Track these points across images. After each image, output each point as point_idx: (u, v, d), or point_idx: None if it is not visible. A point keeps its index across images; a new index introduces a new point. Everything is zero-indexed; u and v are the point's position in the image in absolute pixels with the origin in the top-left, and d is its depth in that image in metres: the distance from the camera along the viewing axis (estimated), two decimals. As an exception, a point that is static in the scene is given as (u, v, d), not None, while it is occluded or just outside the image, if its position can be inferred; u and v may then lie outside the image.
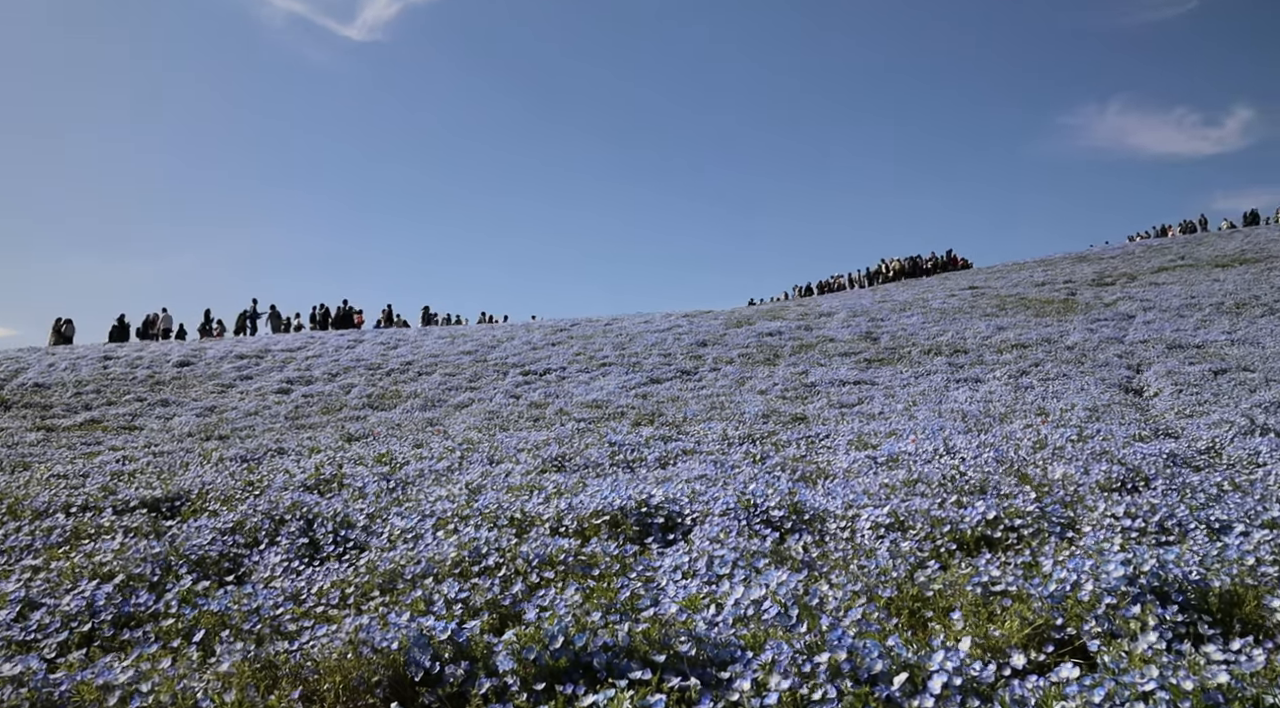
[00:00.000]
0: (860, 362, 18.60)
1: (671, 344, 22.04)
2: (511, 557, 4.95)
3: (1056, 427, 9.67)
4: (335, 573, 4.95)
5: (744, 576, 4.37)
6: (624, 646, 3.48)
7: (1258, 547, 4.13)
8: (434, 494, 7.19)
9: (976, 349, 19.07)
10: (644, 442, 10.00)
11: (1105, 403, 12.41)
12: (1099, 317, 22.54)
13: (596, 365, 19.90)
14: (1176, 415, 11.31)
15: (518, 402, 16.06)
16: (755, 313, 29.68)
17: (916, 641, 3.55)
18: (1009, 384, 14.91)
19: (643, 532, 5.89)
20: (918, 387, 15.22)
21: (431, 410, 15.85)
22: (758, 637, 3.58)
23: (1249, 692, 2.70)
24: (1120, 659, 3.02)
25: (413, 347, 24.61)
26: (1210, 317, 20.95)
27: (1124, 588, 3.62)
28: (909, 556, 4.74)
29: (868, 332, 22.29)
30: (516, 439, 10.92)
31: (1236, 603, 3.70)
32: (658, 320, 27.61)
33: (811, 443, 10.20)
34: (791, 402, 14.44)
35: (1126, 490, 6.43)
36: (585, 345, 22.93)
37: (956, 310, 25.21)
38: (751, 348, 20.93)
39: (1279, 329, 18.23)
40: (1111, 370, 15.80)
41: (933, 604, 4.02)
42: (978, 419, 11.24)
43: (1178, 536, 5.00)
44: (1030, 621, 3.60)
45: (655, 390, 16.40)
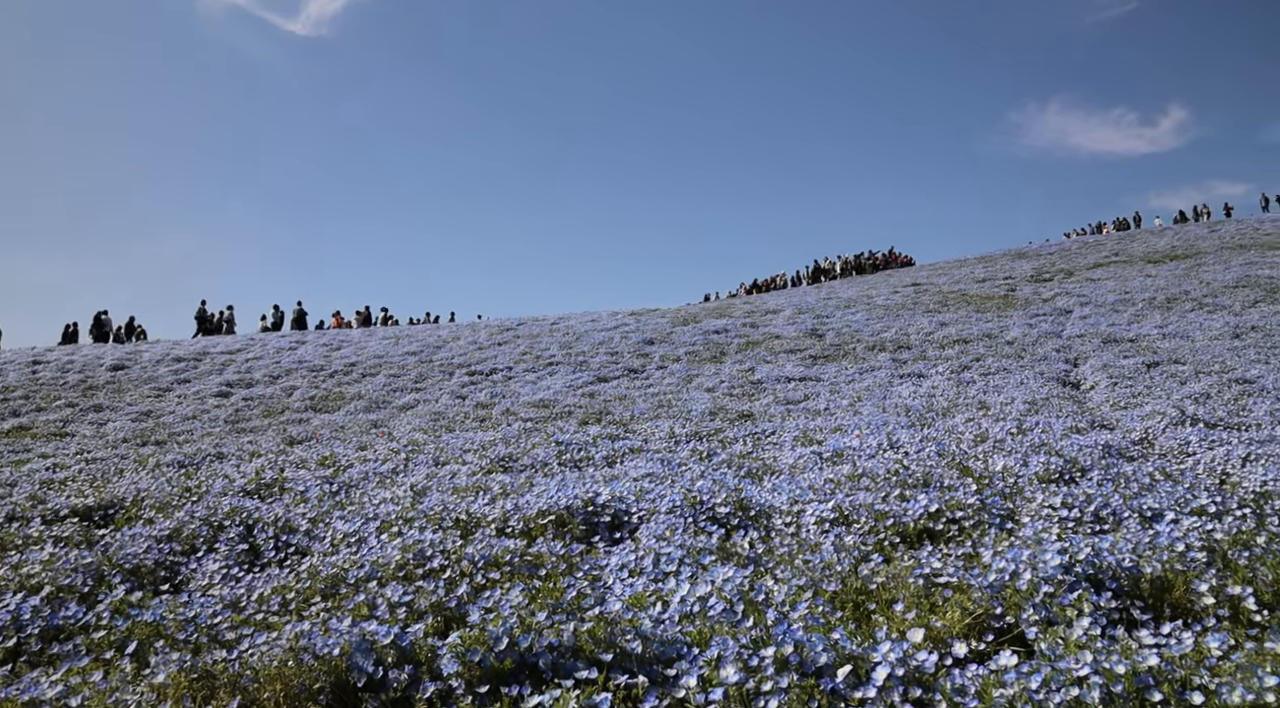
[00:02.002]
0: (806, 358, 18.76)
1: (619, 342, 22.03)
2: (456, 559, 4.90)
3: (997, 420, 9.84)
4: (276, 579, 4.86)
5: (690, 573, 4.38)
6: (569, 645, 3.46)
7: (1187, 534, 4.23)
8: (378, 497, 7.09)
9: (920, 345, 19.34)
10: (591, 441, 9.97)
11: (1044, 396, 12.65)
12: (1038, 312, 22.98)
13: (543, 365, 19.82)
14: (1112, 407, 11.57)
15: (464, 402, 15.93)
16: (702, 310, 29.79)
17: (860, 633, 3.58)
18: (951, 379, 15.14)
19: (590, 531, 5.87)
20: (862, 383, 15.39)
21: (376, 412, 15.65)
22: (704, 633, 3.58)
23: (1178, 674, 2.76)
24: (1056, 646, 3.08)
25: (356, 348, 24.29)
26: (1143, 311, 21.48)
27: (1060, 577, 3.69)
28: (853, 549, 4.79)
29: (813, 329, 22.49)
30: (462, 440, 10.82)
31: (1167, 588, 3.79)
32: (605, 319, 27.58)
33: (758, 440, 10.26)
34: (738, 399, 14.51)
35: (1064, 481, 6.55)
36: (532, 345, 22.82)
37: (900, 307, 25.54)
38: (698, 346, 21.00)
39: (1208, 323, 18.74)
40: (1050, 364, 16.12)
41: (876, 597, 4.06)
42: (921, 414, 11.39)
43: (1112, 524, 5.11)
44: (971, 610, 3.65)
45: (602, 389, 16.38)
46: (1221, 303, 21.23)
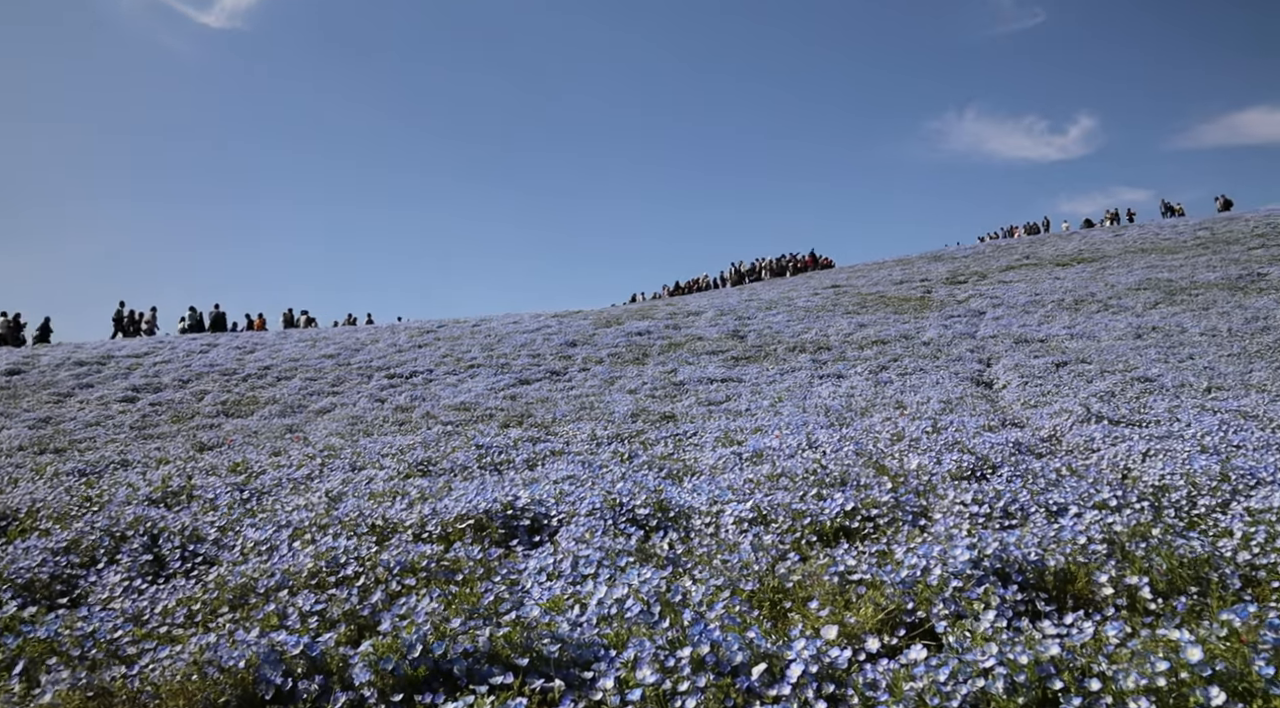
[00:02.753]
0: (728, 360, 18.91)
1: (541, 345, 21.93)
2: (371, 565, 4.81)
3: (913, 419, 10.03)
4: (182, 590, 4.71)
5: (608, 575, 4.37)
6: (485, 651, 3.42)
7: (1089, 527, 4.37)
8: (291, 504, 6.93)
9: (839, 346, 19.66)
10: (512, 443, 9.90)
11: (958, 395, 12.96)
12: (953, 313, 23.55)
13: (464, 367, 19.61)
14: (1022, 406, 11.90)
15: (383, 406, 15.67)
16: (625, 312, 29.83)
17: (776, 631, 3.61)
18: (870, 379, 15.42)
19: (509, 535, 5.82)
20: (783, 383, 15.58)
21: (291, 417, 15.30)
22: (621, 635, 3.58)
23: (1078, 662, 2.85)
24: (964, 639, 3.15)
25: (271, 351, 23.72)
26: (1052, 313, 22.17)
27: (969, 571, 3.78)
28: (771, 548, 4.83)
29: (735, 330, 22.68)
30: (381, 444, 10.64)
31: (1070, 580, 3.91)
32: (527, 321, 27.43)
33: (679, 441, 10.30)
34: (660, 400, 14.56)
35: (975, 478, 6.71)
36: (453, 347, 22.57)
37: (820, 308, 25.93)
38: (621, 347, 21.02)
39: (1112, 324, 19.43)
40: (964, 364, 16.52)
41: (793, 595, 4.11)
42: (840, 414, 11.57)
43: (1020, 519, 5.26)
44: (884, 606, 3.71)
45: (524, 392, 16.28)
46: (1125, 304, 22.03)
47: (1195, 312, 19.92)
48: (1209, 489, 5.79)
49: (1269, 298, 20.67)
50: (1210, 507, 5.57)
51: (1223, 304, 20.44)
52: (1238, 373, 13.04)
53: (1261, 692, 2.61)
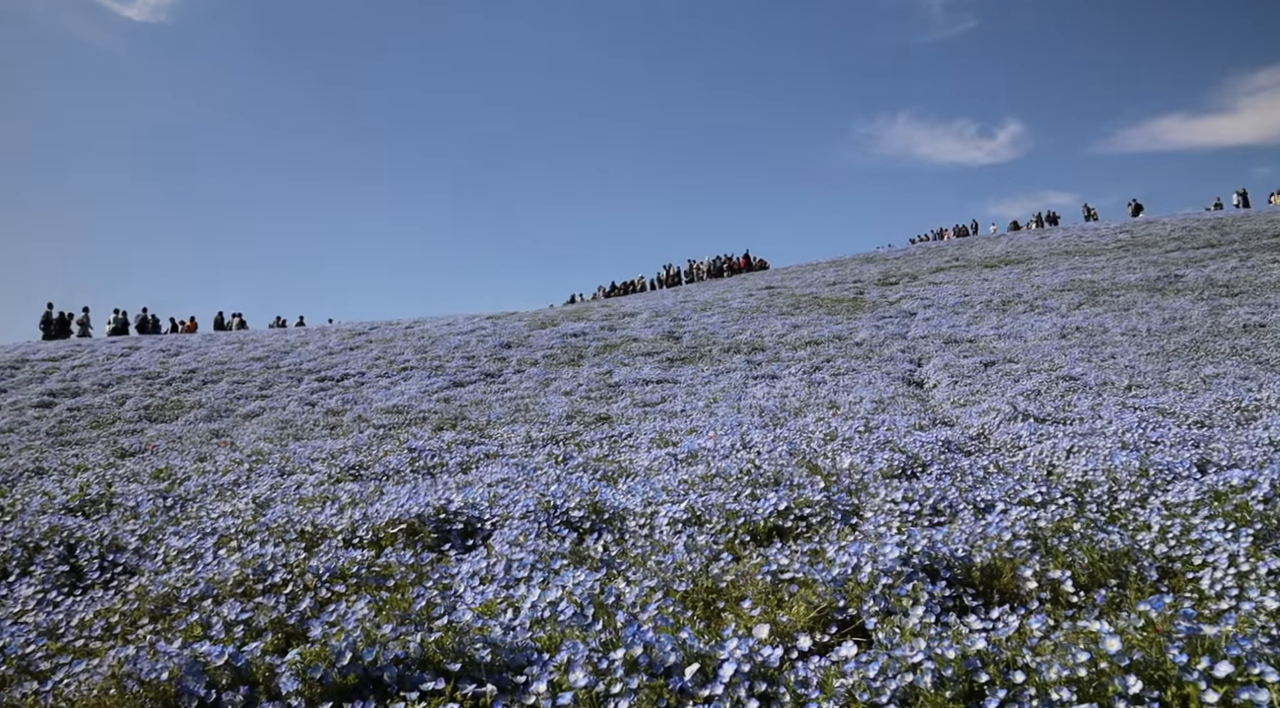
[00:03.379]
0: (663, 361, 18.96)
1: (475, 346, 21.75)
2: (300, 572, 4.72)
3: (846, 419, 10.16)
4: (100, 602, 4.56)
5: (542, 578, 4.35)
6: (416, 657, 3.38)
7: (1014, 523, 4.47)
8: (217, 510, 6.77)
9: (773, 347, 19.83)
10: (446, 447, 9.80)
11: (890, 395, 13.15)
12: (885, 314, 23.93)
13: (397, 370, 19.35)
14: (952, 405, 12.13)
15: (313, 409, 15.39)
16: (560, 314, 29.74)
17: (710, 631, 3.62)
18: (803, 380, 15.58)
19: (441, 539, 5.76)
20: (718, 384, 15.66)
21: (218, 421, 14.94)
22: (554, 638, 3.56)
23: (1004, 655, 2.91)
24: (894, 635, 3.20)
25: (197, 354, 23.14)
26: (981, 313, 22.65)
27: (899, 568, 3.84)
28: (705, 549, 4.85)
29: (670, 331, 22.76)
30: (311, 448, 10.45)
31: (996, 575, 4.00)
32: (461, 323, 27.18)
33: (614, 442, 10.29)
34: (596, 402, 14.54)
35: (906, 477, 6.82)
36: (385, 349, 22.27)
37: (755, 310, 26.14)
38: (556, 349, 20.95)
39: (1038, 324, 19.92)
40: (896, 364, 16.79)
41: (726, 595, 4.13)
42: (774, 414, 11.67)
43: (949, 516, 5.35)
44: (816, 604, 3.74)
45: (458, 394, 16.13)
46: (1050, 305, 22.60)
47: (1117, 312, 20.52)
48: (1129, 484, 5.96)
49: (1185, 299, 21.39)
50: (1130, 501, 5.73)
51: (1142, 305, 21.09)
52: (1156, 371, 13.45)
53: (1175, 679, 2.69)
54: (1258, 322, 17.67)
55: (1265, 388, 11.11)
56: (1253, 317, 18.13)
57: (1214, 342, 16.03)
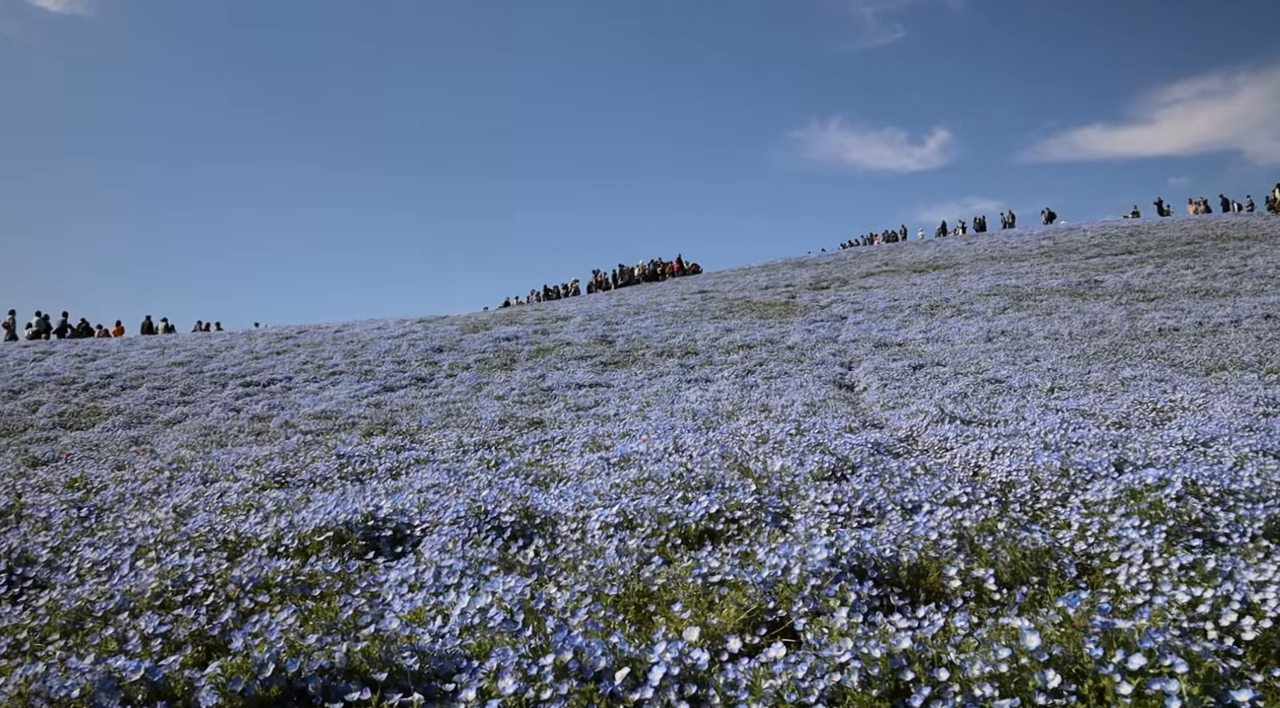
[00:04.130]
0: (597, 365, 18.94)
1: (406, 351, 21.47)
2: (222, 583, 4.60)
3: (778, 422, 10.25)
4: (8, 618, 4.40)
5: (472, 584, 4.31)
6: (342, 667, 3.31)
7: (941, 523, 4.55)
8: (135, 520, 6.57)
9: (706, 350, 19.94)
10: (375, 452, 9.65)
11: (821, 398, 13.31)
12: (816, 318, 24.23)
13: (326, 374, 19.01)
14: (882, 407, 12.32)
15: (238, 415, 15.03)
16: (493, 318, 29.54)
17: (640, 635, 3.62)
18: (736, 383, 15.69)
19: (370, 546, 5.67)
20: (651, 388, 15.69)
21: (137, 428, 14.51)
22: (484, 645, 3.52)
23: (929, 653, 2.95)
24: (822, 635, 3.23)
25: (115, 358, 22.46)
26: (910, 317, 23.07)
27: (828, 569, 3.88)
28: (636, 553, 4.84)
29: (604, 335, 22.74)
30: (235, 455, 10.20)
31: (922, 574, 4.06)
32: (392, 327, 26.82)
33: (547, 447, 10.24)
34: (528, 406, 14.46)
35: (836, 479, 6.90)
36: (313, 354, 21.86)
37: (688, 313, 26.26)
38: (489, 353, 20.79)
39: (965, 328, 20.35)
40: (827, 368, 17.00)
41: (657, 598, 4.12)
42: (707, 418, 11.72)
43: (877, 517, 5.43)
44: (746, 606, 3.76)
45: (389, 399, 15.90)
46: (977, 309, 23.11)
47: (1040, 316, 21.06)
48: (1050, 484, 6.11)
49: (1105, 304, 22.05)
50: (1052, 500, 5.88)
51: (1064, 309, 21.68)
52: (1077, 374, 13.83)
53: (1092, 672, 2.76)
54: (1172, 326, 18.30)
55: (1179, 390, 11.50)
56: (1168, 321, 18.76)
57: (1132, 345, 16.55)
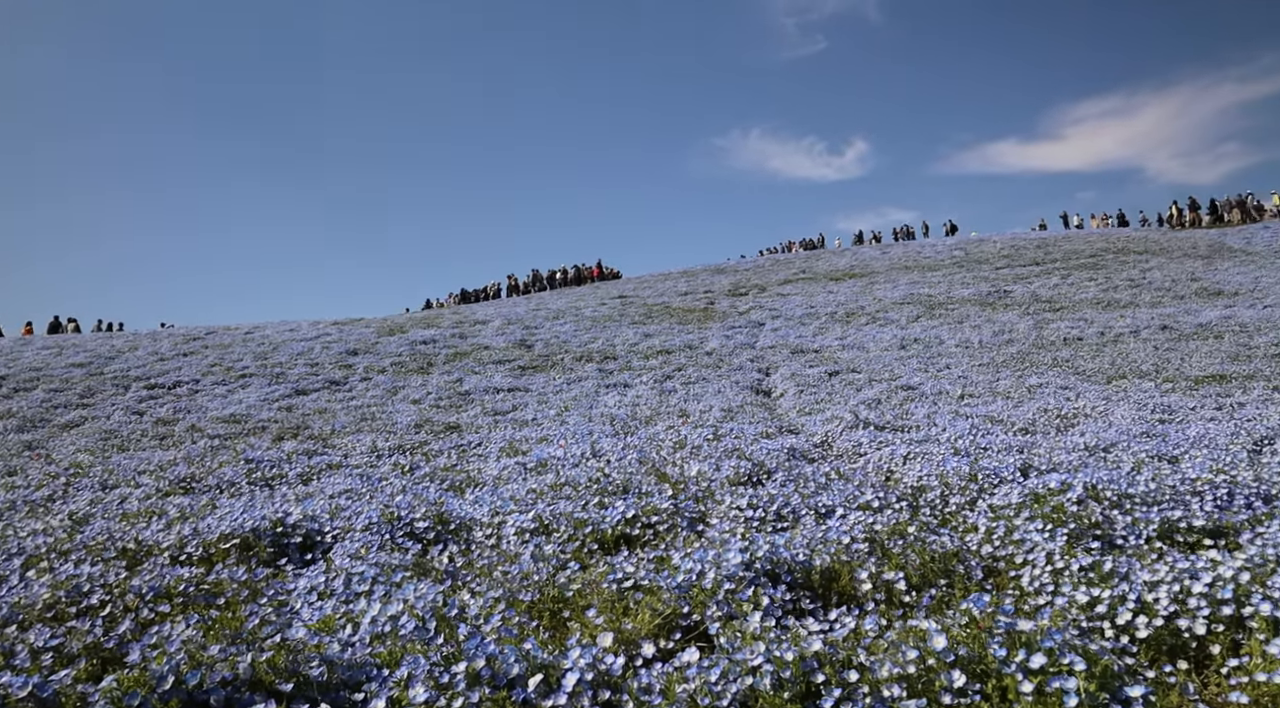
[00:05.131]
0: (515, 369, 18.81)
1: (319, 353, 21.02)
2: (120, 593, 4.43)
3: (695, 427, 10.30)
4: (-117, 631, 4.14)
5: (384, 591, 4.22)
6: (247, 678, 3.21)
7: (853, 527, 4.63)
8: (26, 528, 6.29)
9: (625, 355, 19.96)
10: (286, 457, 9.41)
11: (739, 404, 13.42)
12: (734, 324, 24.46)
13: (235, 377, 18.49)
14: (798, 413, 12.48)
15: (141, 419, 14.51)
16: (409, 320, 29.11)
17: (554, 641, 3.59)
18: (655, 388, 15.73)
19: (279, 553, 5.53)
20: (570, 392, 15.64)
21: (31, 432, 13.88)
22: (395, 653, 3.46)
23: (840, 655, 2.99)
24: (735, 639, 3.24)
25: (8, 359, 21.51)
26: (826, 325, 23.45)
27: (742, 574, 3.91)
28: (552, 558, 4.81)
29: (522, 339, 22.61)
30: (138, 460, 9.85)
31: (835, 578, 4.12)
32: (305, 329, 26.24)
33: (463, 452, 10.12)
34: (445, 410, 14.28)
35: (752, 484, 6.96)
36: (222, 356, 21.25)
37: (607, 318, 26.27)
38: (405, 356, 20.48)
39: (880, 336, 20.77)
40: (745, 373, 17.17)
41: (572, 604, 4.10)
42: (625, 422, 11.73)
43: (791, 522, 5.49)
44: (661, 611, 3.76)
45: (301, 402, 15.54)
46: (891, 317, 23.61)
47: (952, 325, 21.62)
48: (959, 489, 6.26)
49: (1013, 313, 22.74)
50: (960, 505, 6.02)
51: (975, 318, 22.29)
52: (987, 381, 14.22)
53: (995, 672, 2.83)
54: (1076, 335, 18.96)
55: (1082, 397, 11.91)
56: (1072, 330, 19.43)
57: (1038, 354, 17.09)
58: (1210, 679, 3.26)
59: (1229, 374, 13.51)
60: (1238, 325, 18.53)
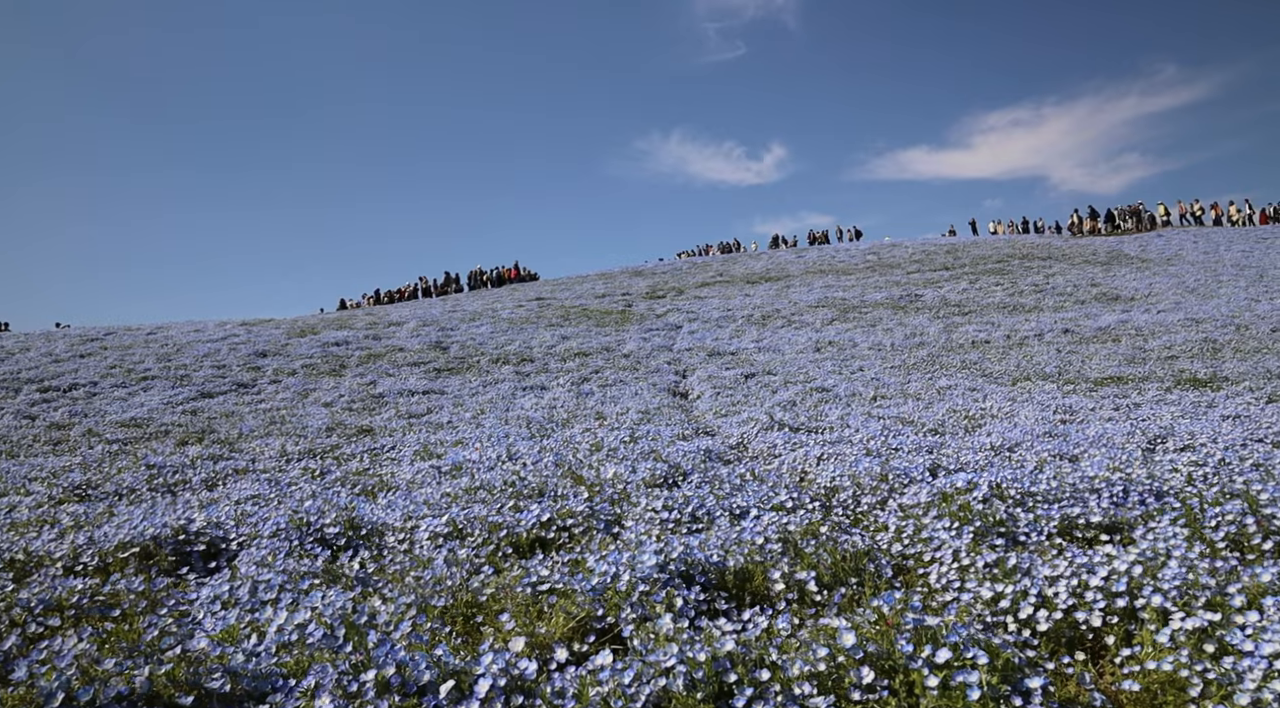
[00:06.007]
0: (430, 371, 18.56)
1: (227, 355, 20.43)
2: (7, 606, 4.22)
3: (612, 430, 10.30)
4: None
5: (291, 599, 4.11)
6: (144, 692, 3.10)
7: (766, 528, 4.67)
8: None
9: (543, 358, 19.87)
10: (190, 462, 9.11)
11: (656, 406, 13.46)
12: (652, 327, 24.54)
13: (136, 379, 17.84)
14: (714, 415, 12.56)
15: (33, 423, 13.89)
16: (321, 321, 28.50)
17: (466, 647, 3.54)
18: (572, 391, 15.68)
19: (181, 562, 5.34)
20: (486, 395, 15.49)
21: (-86, 438, 13.19)
22: (302, 662, 3.37)
23: (752, 654, 3.01)
24: (649, 641, 3.24)
25: (-108, 362, 20.40)
26: (743, 327, 23.69)
27: (656, 575, 3.91)
28: (466, 563, 4.75)
29: (438, 341, 22.32)
30: (28, 467, 9.42)
31: (748, 578, 4.15)
32: (211, 329, 25.48)
33: (376, 455, 9.94)
34: (358, 414, 14.01)
35: (668, 486, 6.98)
36: (123, 357, 20.50)
37: (524, 320, 26.11)
38: (316, 358, 20.04)
39: (795, 338, 21.07)
40: (662, 376, 17.23)
41: (486, 609, 4.05)
42: (542, 425, 11.66)
43: (706, 523, 5.51)
44: (575, 615, 3.74)
45: (207, 406, 15.07)
46: (806, 320, 23.97)
47: (865, 328, 22.04)
48: (871, 489, 6.37)
49: (924, 316, 23.30)
50: (872, 505, 6.13)
51: (887, 322, 22.77)
52: (898, 383, 14.53)
53: (903, 667, 2.88)
54: (984, 338, 19.51)
55: (989, 398, 12.25)
56: (980, 334, 20.00)
57: (948, 356, 17.54)
58: (1105, 669, 3.37)
59: (1126, 376, 14.06)
60: (1134, 329, 19.31)
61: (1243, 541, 4.43)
